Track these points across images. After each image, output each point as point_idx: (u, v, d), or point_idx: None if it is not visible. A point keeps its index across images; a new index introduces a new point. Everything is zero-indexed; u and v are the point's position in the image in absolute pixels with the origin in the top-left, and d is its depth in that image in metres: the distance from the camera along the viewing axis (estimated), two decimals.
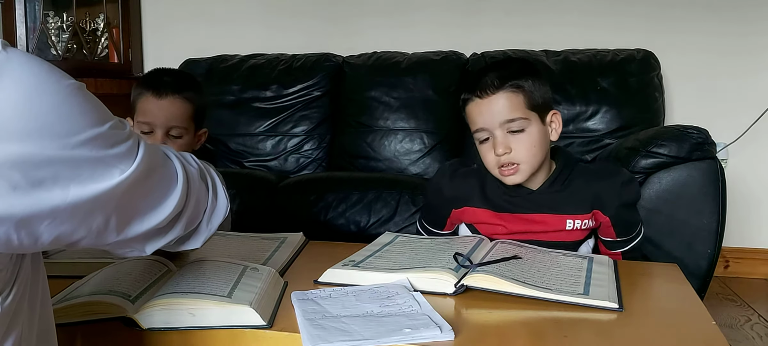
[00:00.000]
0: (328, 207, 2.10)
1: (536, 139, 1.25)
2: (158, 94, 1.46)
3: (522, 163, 1.25)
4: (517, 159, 1.25)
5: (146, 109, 1.47)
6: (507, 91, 1.24)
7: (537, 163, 1.27)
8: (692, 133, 1.79)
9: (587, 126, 2.43)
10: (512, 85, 1.24)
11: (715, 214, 1.75)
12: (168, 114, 1.46)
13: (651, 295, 1.11)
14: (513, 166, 1.25)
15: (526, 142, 1.24)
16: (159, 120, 1.46)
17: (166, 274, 0.95)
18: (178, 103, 1.47)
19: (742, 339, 1.98)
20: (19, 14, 2.80)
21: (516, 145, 1.24)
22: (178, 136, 1.48)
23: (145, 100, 1.47)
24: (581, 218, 1.29)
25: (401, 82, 2.59)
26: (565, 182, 1.32)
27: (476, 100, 1.26)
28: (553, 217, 1.29)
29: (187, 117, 1.49)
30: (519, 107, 1.24)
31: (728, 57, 2.69)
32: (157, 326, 0.81)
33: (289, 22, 3.02)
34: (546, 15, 2.80)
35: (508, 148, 1.24)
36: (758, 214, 2.71)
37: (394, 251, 1.14)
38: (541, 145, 1.27)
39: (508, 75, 1.25)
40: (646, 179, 1.80)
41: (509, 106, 1.24)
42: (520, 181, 1.28)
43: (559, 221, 1.29)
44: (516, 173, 1.26)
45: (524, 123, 1.24)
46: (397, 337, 0.75)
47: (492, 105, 1.24)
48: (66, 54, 2.95)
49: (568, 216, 1.29)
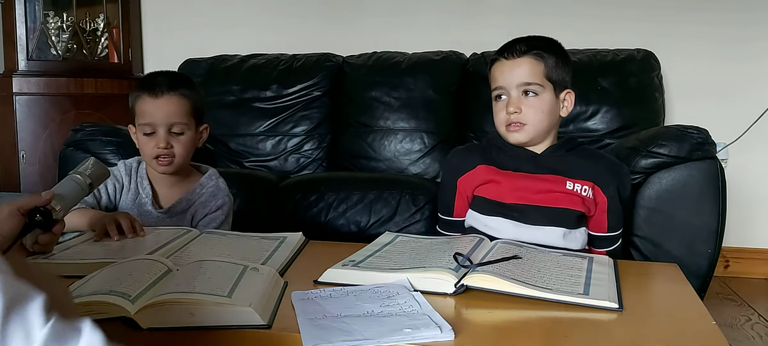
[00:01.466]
0: (329, 207, 2.10)
1: (546, 106, 1.36)
2: (154, 94, 1.47)
3: (528, 125, 1.36)
4: (525, 120, 1.36)
5: (145, 111, 1.48)
6: (530, 56, 1.36)
7: (542, 129, 1.37)
8: (692, 133, 1.79)
9: (587, 126, 2.42)
10: (536, 54, 1.36)
11: (715, 214, 1.75)
12: (167, 112, 1.47)
13: (651, 295, 1.11)
14: (520, 124, 1.36)
15: (536, 107, 1.36)
16: (159, 119, 1.46)
17: (166, 274, 0.95)
18: (174, 99, 1.47)
19: (742, 339, 1.98)
20: (19, 14, 2.80)
21: (526, 108, 1.36)
22: (179, 132, 1.48)
23: (143, 102, 1.48)
24: (581, 183, 1.36)
25: (401, 82, 2.59)
26: (568, 152, 1.41)
27: (501, 61, 1.39)
28: (555, 177, 1.37)
29: (186, 113, 1.49)
30: (537, 74, 1.36)
31: (728, 57, 2.69)
32: (157, 326, 0.81)
33: (289, 22, 3.02)
34: (546, 15, 2.80)
35: (518, 108, 1.35)
36: (758, 214, 2.71)
37: (394, 251, 1.14)
38: (550, 115, 1.37)
39: (535, 45, 1.38)
40: (646, 179, 1.80)
41: (529, 70, 1.36)
42: (523, 140, 1.38)
43: (560, 181, 1.36)
44: (520, 131, 1.37)
45: (538, 89, 1.36)
46: (398, 337, 0.75)
47: (514, 67, 1.36)
48: (66, 54, 2.95)
49: (568, 179, 1.36)
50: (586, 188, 1.36)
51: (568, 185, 1.36)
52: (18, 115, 2.78)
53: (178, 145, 1.49)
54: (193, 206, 1.55)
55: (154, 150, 1.48)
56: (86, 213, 1.39)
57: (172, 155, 1.49)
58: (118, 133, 2.08)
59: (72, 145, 2.15)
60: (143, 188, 1.55)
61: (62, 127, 2.76)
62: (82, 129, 2.19)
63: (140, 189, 1.55)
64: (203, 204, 1.55)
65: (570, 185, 1.36)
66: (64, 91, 2.83)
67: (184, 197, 1.55)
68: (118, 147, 2.04)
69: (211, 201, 1.55)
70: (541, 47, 1.37)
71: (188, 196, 1.55)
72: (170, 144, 1.48)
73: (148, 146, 1.49)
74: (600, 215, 1.39)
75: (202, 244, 1.21)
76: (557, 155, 1.40)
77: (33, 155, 2.80)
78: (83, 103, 2.85)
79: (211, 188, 1.57)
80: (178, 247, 1.18)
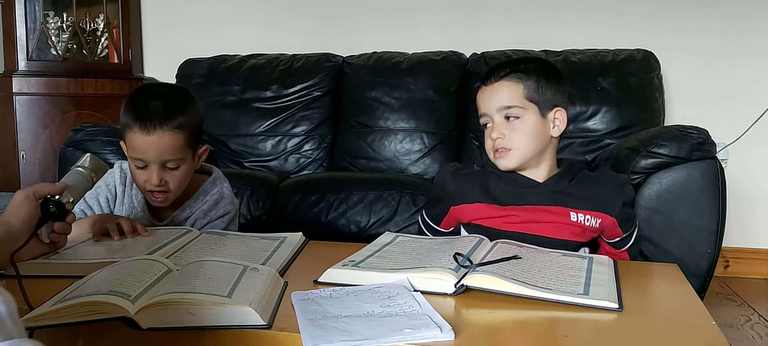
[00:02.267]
0: (329, 207, 2.10)
1: (531, 128, 1.33)
2: (146, 129, 1.33)
3: (513, 149, 1.33)
4: (509, 144, 1.33)
5: (136, 146, 1.35)
6: (508, 80, 1.34)
7: (529, 152, 1.34)
8: (692, 133, 1.79)
9: (587, 126, 2.43)
10: (514, 76, 1.34)
11: (715, 214, 1.75)
12: (159, 149, 1.34)
13: (651, 295, 1.11)
14: (505, 149, 1.33)
15: (519, 130, 1.33)
16: (151, 157, 1.35)
17: (166, 274, 0.95)
18: (168, 136, 1.34)
19: (742, 339, 1.98)
20: (19, 14, 2.80)
21: (510, 132, 1.33)
22: (174, 167, 1.38)
23: (134, 136, 1.34)
24: (584, 213, 1.33)
25: (401, 82, 2.59)
26: (571, 180, 1.37)
27: (483, 88, 1.38)
28: (559, 209, 1.33)
29: (181, 148, 1.36)
30: (517, 96, 1.33)
31: (728, 57, 2.69)
32: (157, 326, 0.81)
33: (289, 22, 3.02)
34: (546, 15, 2.80)
35: (502, 133, 1.33)
36: (758, 214, 2.71)
37: (394, 251, 1.14)
38: (536, 136, 1.33)
39: (515, 68, 1.35)
40: (646, 179, 1.80)
41: (508, 94, 1.33)
42: (511, 166, 1.35)
43: (564, 213, 1.33)
44: (506, 157, 1.34)
45: (520, 112, 1.33)
46: (398, 337, 0.75)
47: (493, 92, 1.35)
48: (66, 54, 2.95)
49: (572, 209, 1.33)
50: (589, 218, 1.33)
51: (572, 216, 1.32)
52: (18, 115, 2.78)
53: (173, 179, 1.38)
54: (194, 214, 1.47)
55: (146, 185, 1.38)
56: (86, 220, 1.35)
57: (166, 190, 1.39)
58: (118, 133, 2.08)
59: (72, 145, 2.15)
60: (139, 201, 1.47)
61: (62, 127, 2.76)
62: (82, 129, 2.19)
63: (135, 202, 1.47)
64: (205, 212, 1.47)
65: (574, 216, 1.32)
66: (64, 91, 2.83)
67: (187, 205, 1.47)
68: (118, 147, 2.04)
69: (212, 210, 1.48)
70: (521, 70, 1.34)
71: (191, 203, 1.48)
72: (164, 180, 1.37)
73: (139, 179, 1.39)
74: (612, 230, 1.37)
75: (202, 244, 1.21)
76: (561, 184, 1.36)
77: (33, 155, 2.80)
78: (83, 104, 2.85)
79: (215, 195, 1.49)
80: (178, 247, 1.18)
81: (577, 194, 1.34)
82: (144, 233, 1.27)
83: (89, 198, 1.46)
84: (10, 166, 2.81)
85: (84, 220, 1.36)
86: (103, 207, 1.47)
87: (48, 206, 1.10)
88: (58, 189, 1.12)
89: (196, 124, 1.41)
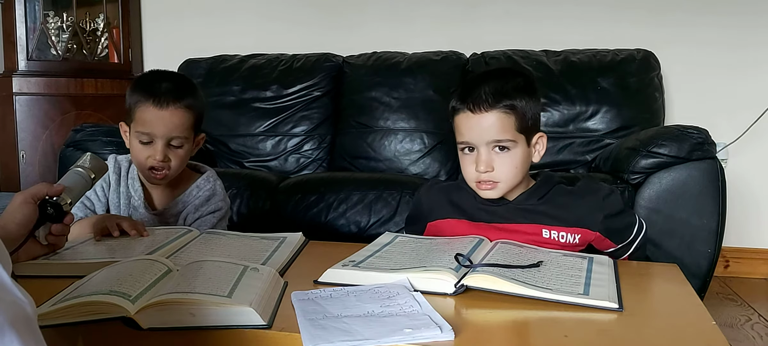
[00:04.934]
0: (329, 207, 2.10)
1: (519, 160, 1.25)
2: (159, 104, 1.39)
3: (501, 182, 1.26)
4: (497, 178, 1.25)
5: (146, 120, 1.40)
6: (499, 111, 1.22)
7: (515, 183, 1.27)
8: (692, 133, 1.79)
9: (587, 126, 2.43)
10: (506, 106, 1.22)
11: (715, 214, 1.76)
12: (170, 125, 1.40)
13: (651, 295, 1.11)
14: (492, 182, 1.26)
15: (508, 163, 1.24)
16: (160, 131, 1.40)
17: (166, 274, 0.95)
18: (179, 113, 1.41)
19: (742, 339, 1.98)
20: (19, 14, 2.81)
21: (498, 165, 1.24)
22: (178, 146, 1.43)
23: (145, 110, 1.40)
24: (558, 230, 1.26)
25: (401, 82, 2.59)
26: (542, 197, 1.30)
27: (467, 113, 1.24)
28: (529, 226, 1.27)
29: (189, 126, 1.44)
30: (509, 129, 1.23)
31: (728, 57, 2.69)
32: (157, 326, 0.81)
33: (289, 22, 3.03)
34: (546, 15, 2.80)
35: (490, 166, 1.24)
36: (758, 214, 2.71)
37: (394, 251, 1.14)
38: (523, 167, 1.27)
39: (503, 93, 1.23)
40: (646, 179, 1.81)
41: (499, 126, 1.22)
42: (495, 196, 1.28)
43: (535, 229, 1.26)
44: (493, 189, 1.26)
45: (511, 145, 1.24)
46: (398, 337, 0.75)
47: (482, 122, 1.23)
48: (66, 54, 2.95)
49: (544, 226, 1.26)
50: (565, 235, 1.26)
51: (544, 233, 1.26)
52: (18, 115, 2.78)
53: (175, 158, 1.44)
54: (186, 208, 1.51)
55: (149, 160, 1.42)
56: (87, 221, 1.36)
57: (167, 168, 1.43)
58: (118, 133, 2.08)
59: (72, 145, 2.15)
60: (135, 189, 1.50)
61: (62, 127, 2.77)
62: (82, 129, 2.19)
63: (132, 191, 1.51)
64: (196, 207, 1.51)
65: (546, 233, 1.25)
66: (64, 91, 2.83)
67: (180, 199, 1.51)
68: (118, 147, 2.04)
69: (204, 205, 1.51)
70: (509, 95, 1.22)
71: (183, 198, 1.52)
72: (167, 157, 1.42)
73: (142, 154, 1.43)
74: (600, 243, 1.30)
75: (202, 244, 1.21)
76: (530, 202, 1.29)
77: (33, 155, 2.80)
78: (83, 103, 2.85)
79: (207, 191, 1.53)
80: (178, 247, 1.18)
81: (549, 212, 1.28)
82: (145, 233, 1.27)
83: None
84: (10, 166, 2.81)
85: (85, 220, 1.37)
86: (99, 196, 1.50)
87: (45, 208, 1.10)
88: (56, 191, 1.12)
89: (201, 108, 1.49)
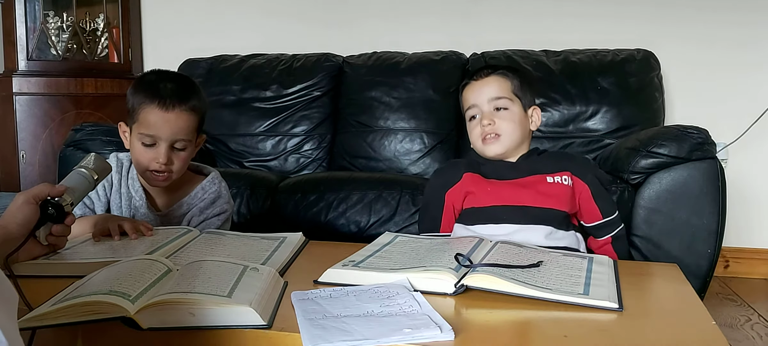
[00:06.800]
0: (329, 207, 2.10)
1: (517, 118, 1.47)
2: (164, 106, 1.37)
3: (503, 135, 1.46)
4: (499, 130, 1.46)
5: (151, 122, 1.38)
6: (497, 75, 1.50)
7: (516, 139, 1.47)
8: (692, 133, 1.79)
9: (587, 126, 2.42)
10: (502, 73, 1.51)
11: (715, 214, 1.75)
12: (175, 128, 1.39)
13: (651, 295, 1.11)
14: (495, 135, 1.46)
15: (508, 118, 1.47)
16: (165, 134, 1.38)
17: (166, 274, 0.95)
18: (184, 116, 1.39)
19: (742, 339, 1.98)
20: (19, 14, 2.81)
21: (499, 120, 1.46)
22: (182, 149, 1.42)
23: (150, 112, 1.38)
24: (559, 175, 1.46)
25: (401, 82, 2.59)
26: (541, 154, 1.53)
27: (471, 83, 1.53)
28: (535, 177, 1.45)
29: (193, 129, 1.43)
30: (506, 89, 1.48)
31: (728, 57, 2.69)
32: (157, 326, 0.81)
33: (289, 22, 3.02)
34: (546, 15, 2.80)
35: (492, 120, 1.46)
36: (758, 214, 2.71)
37: (394, 251, 1.14)
38: (521, 126, 1.48)
39: (502, 68, 1.53)
40: (646, 179, 1.81)
41: (498, 86, 1.48)
42: (500, 152, 1.47)
43: (541, 179, 1.45)
44: (496, 142, 1.46)
45: (508, 103, 1.47)
46: (398, 337, 0.75)
47: (483, 85, 1.50)
48: (66, 54, 2.95)
49: (547, 174, 1.46)
50: (566, 178, 1.45)
51: (548, 179, 1.45)
52: (18, 115, 2.78)
53: (178, 160, 1.42)
54: (191, 211, 1.50)
55: (151, 163, 1.40)
56: (89, 219, 1.36)
57: (170, 171, 1.42)
58: (118, 132, 2.08)
59: (72, 145, 2.15)
60: (135, 190, 1.49)
61: (62, 127, 2.77)
62: (82, 129, 2.19)
63: (132, 191, 1.49)
64: (201, 209, 1.50)
65: (550, 179, 1.45)
66: (64, 91, 2.83)
67: (185, 201, 1.50)
68: (118, 147, 2.04)
69: (209, 207, 1.50)
70: (507, 69, 1.52)
71: (189, 199, 1.50)
72: (171, 159, 1.40)
73: (144, 157, 1.41)
74: (587, 204, 1.46)
75: (202, 244, 1.21)
76: (531, 159, 1.50)
77: (33, 155, 2.80)
78: (83, 103, 2.85)
79: (213, 193, 1.51)
80: (178, 247, 1.18)
81: (547, 162, 1.49)
82: (148, 232, 1.27)
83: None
84: (10, 166, 2.81)
85: (85, 219, 1.37)
86: (101, 195, 1.49)
87: (47, 208, 1.10)
88: (57, 191, 1.12)
89: (205, 109, 1.48)
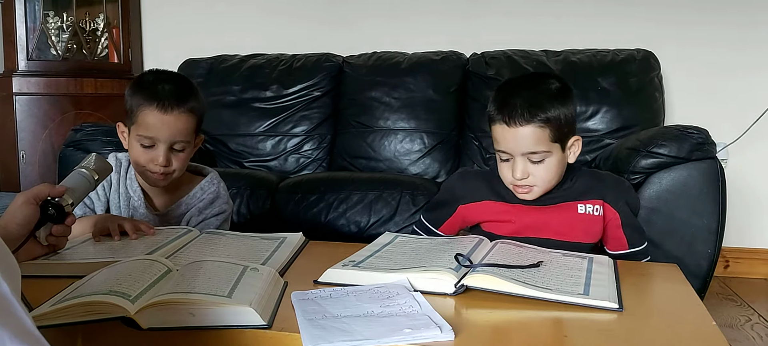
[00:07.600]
0: (329, 207, 2.10)
1: (554, 166, 1.31)
2: (163, 108, 1.37)
3: (537, 186, 1.32)
4: (533, 182, 1.31)
5: (149, 124, 1.38)
6: (534, 125, 1.27)
7: (551, 186, 1.34)
8: (692, 133, 1.79)
9: (587, 126, 2.42)
10: (540, 120, 1.27)
11: (715, 214, 1.75)
12: (174, 130, 1.38)
13: (651, 295, 1.11)
14: (528, 187, 1.32)
15: (543, 171, 1.30)
16: (163, 136, 1.38)
17: (166, 274, 0.95)
18: (183, 118, 1.39)
19: (742, 339, 1.98)
20: (19, 14, 2.80)
21: (534, 172, 1.30)
22: (180, 150, 1.42)
23: (149, 114, 1.37)
24: (591, 203, 1.35)
25: (401, 82, 2.59)
26: (572, 178, 1.38)
27: (503, 126, 1.30)
28: (566, 204, 1.35)
29: (192, 130, 1.43)
30: (543, 141, 1.28)
31: (728, 57, 2.69)
32: (157, 326, 0.81)
33: (289, 22, 3.02)
34: (546, 15, 2.80)
35: (526, 173, 1.30)
36: (758, 214, 2.71)
37: (394, 251, 1.14)
38: (558, 171, 1.33)
39: (537, 105, 1.27)
40: (646, 179, 1.80)
41: (534, 139, 1.28)
42: (532, 198, 1.34)
43: (572, 207, 1.35)
44: (529, 193, 1.33)
45: (546, 155, 1.29)
46: (398, 337, 0.75)
47: (518, 134, 1.28)
48: (66, 54, 2.95)
49: (579, 202, 1.35)
50: (598, 207, 1.35)
51: (579, 209, 1.35)
52: (18, 115, 2.78)
53: (177, 161, 1.42)
54: (190, 211, 1.50)
55: (150, 164, 1.40)
56: (89, 219, 1.36)
57: (169, 172, 1.42)
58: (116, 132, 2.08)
59: (72, 145, 2.15)
60: (134, 190, 1.48)
61: (62, 127, 2.77)
62: (82, 129, 2.19)
63: (131, 191, 1.49)
64: (200, 209, 1.50)
65: (582, 208, 1.35)
66: (64, 91, 2.83)
67: (183, 201, 1.50)
68: (118, 147, 2.04)
69: (208, 207, 1.50)
70: (544, 107, 1.27)
71: (187, 200, 1.50)
72: (170, 161, 1.40)
73: (143, 157, 1.40)
74: (615, 232, 1.37)
75: (202, 244, 1.21)
76: (565, 184, 1.37)
77: (33, 155, 2.80)
78: (83, 103, 2.85)
79: (212, 193, 1.52)
80: (178, 247, 1.18)
81: (580, 188, 1.37)
82: (149, 231, 1.27)
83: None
84: (10, 166, 2.81)
85: (85, 219, 1.37)
86: (100, 195, 1.49)
87: (47, 209, 1.10)
88: (58, 192, 1.12)
89: (203, 110, 1.47)
